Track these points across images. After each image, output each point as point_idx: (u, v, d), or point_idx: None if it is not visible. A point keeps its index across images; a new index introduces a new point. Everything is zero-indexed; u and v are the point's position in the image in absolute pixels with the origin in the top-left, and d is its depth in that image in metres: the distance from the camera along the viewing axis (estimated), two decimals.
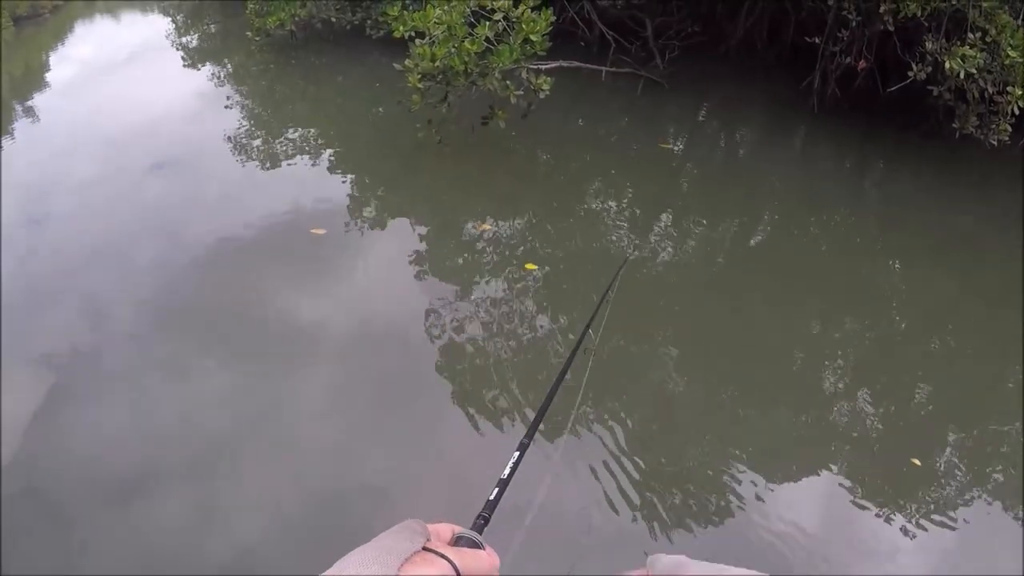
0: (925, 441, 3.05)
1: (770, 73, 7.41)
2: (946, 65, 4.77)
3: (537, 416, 1.01)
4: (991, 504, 2.75)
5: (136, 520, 2.52)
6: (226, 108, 7.12)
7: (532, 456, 0.85)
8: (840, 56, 5.98)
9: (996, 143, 4.97)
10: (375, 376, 3.30)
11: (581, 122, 6.87)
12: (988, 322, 3.93)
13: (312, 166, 5.69)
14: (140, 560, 2.38)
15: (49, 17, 14.71)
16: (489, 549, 0.58)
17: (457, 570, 0.52)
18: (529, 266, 4.09)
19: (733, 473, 2.76)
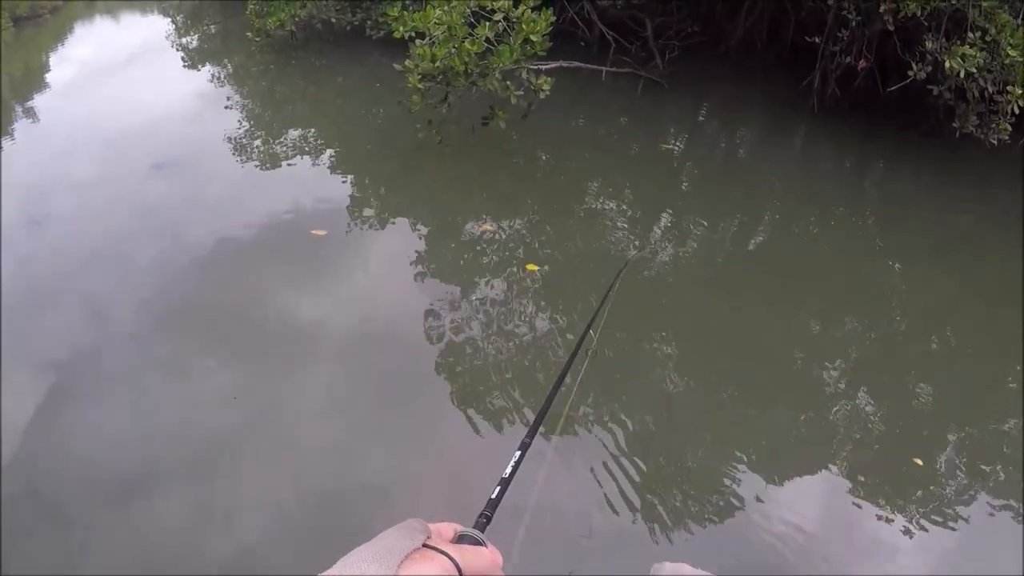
0: (925, 441, 3.05)
1: (770, 73, 7.41)
2: (946, 64, 4.78)
3: (539, 416, 1.01)
4: (991, 504, 2.75)
5: (136, 520, 2.52)
6: (226, 109, 7.12)
7: (528, 456, 0.85)
8: (840, 56, 5.99)
9: (996, 142, 4.97)
10: (375, 376, 3.30)
11: (581, 122, 6.86)
12: (988, 321, 3.93)
13: (312, 166, 5.68)
14: (140, 560, 2.38)
15: (49, 18, 14.70)
16: (491, 547, 0.58)
17: (458, 566, 0.51)
18: (531, 267, 4.09)
19: (733, 473, 2.76)
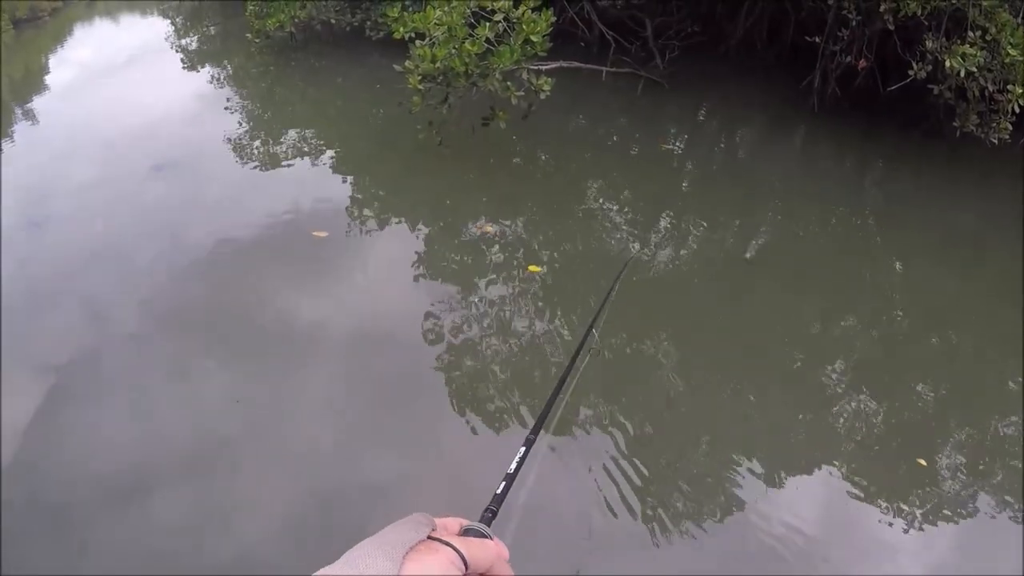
0: (925, 440, 3.04)
1: (770, 73, 7.41)
2: (946, 64, 4.77)
3: (543, 413, 1.01)
4: (991, 504, 2.75)
5: (136, 520, 2.51)
6: (226, 110, 7.12)
7: (529, 455, 0.85)
8: (840, 55, 5.98)
9: (996, 141, 4.97)
10: (375, 377, 3.30)
11: (581, 122, 6.87)
12: (989, 320, 3.93)
13: (312, 168, 5.68)
14: (140, 560, 2.38)
15: (48, 20, 14.72)
16: (497, 540, 0.58)
17: (464, 558, 0.51)
18: (533, 268, 4.08)
19: (734, 473, 2.76)
